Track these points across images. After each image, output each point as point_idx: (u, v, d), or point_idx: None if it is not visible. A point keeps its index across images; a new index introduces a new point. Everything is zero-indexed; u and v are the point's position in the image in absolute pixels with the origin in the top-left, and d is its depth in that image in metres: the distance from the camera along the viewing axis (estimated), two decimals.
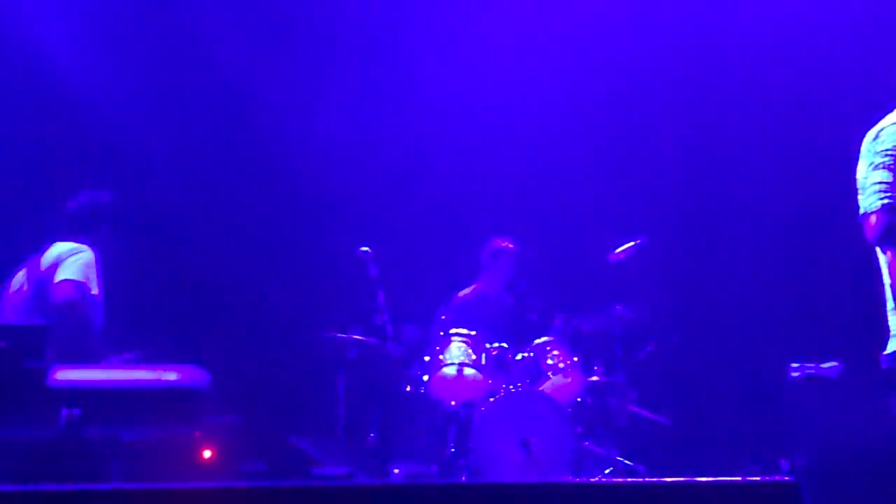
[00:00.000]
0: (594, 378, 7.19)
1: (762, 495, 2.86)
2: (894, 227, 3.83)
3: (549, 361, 6.98)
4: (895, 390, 3.91)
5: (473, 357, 6.90)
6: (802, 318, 7.79)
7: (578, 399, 6.97)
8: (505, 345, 7.05)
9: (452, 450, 6.69)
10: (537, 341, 7.07)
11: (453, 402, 6.82)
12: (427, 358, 6.97)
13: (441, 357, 6.89)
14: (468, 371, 6.84)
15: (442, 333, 7.05)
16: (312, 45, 8.46)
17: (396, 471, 6.85)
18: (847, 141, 4.44)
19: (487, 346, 6.98)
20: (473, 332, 7.01)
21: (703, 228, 8.27)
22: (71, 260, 5.71)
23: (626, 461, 6.84)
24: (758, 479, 2.92)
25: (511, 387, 6.78)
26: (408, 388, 7.01)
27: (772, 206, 8.06)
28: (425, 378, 6.90)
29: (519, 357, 7.02)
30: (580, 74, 8.23)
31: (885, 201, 3.83)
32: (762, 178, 8.07)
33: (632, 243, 7.11)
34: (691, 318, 7.87)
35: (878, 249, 3.97)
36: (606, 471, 6.79)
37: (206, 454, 4.70)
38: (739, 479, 2.95)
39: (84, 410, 4.35)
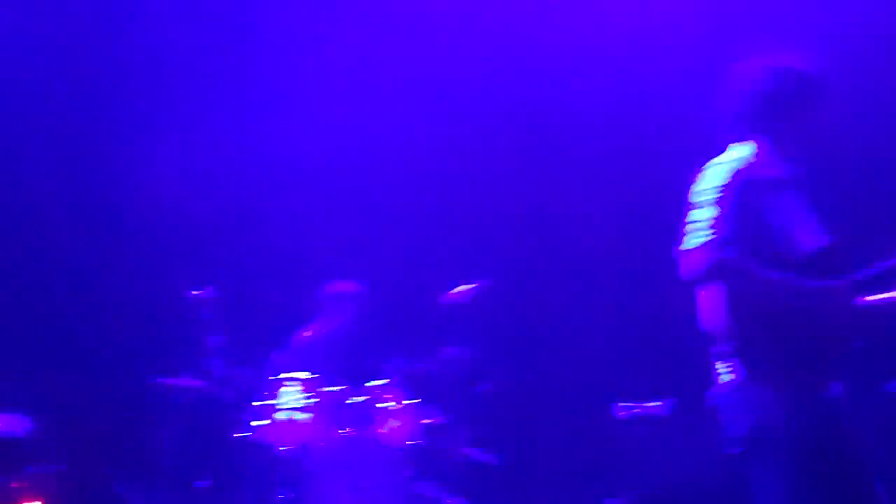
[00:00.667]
0: (427, 420, 7.23)
1: None
2: (717, 265, 3.85)
3: (383, 405, 6.98)
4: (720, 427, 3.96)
5: (307, 401, 6.82)
6: (631, 359, 8.03)
7: (411, 442, 6.99)
8: (343, 387, 7.01)
9: (283, 496, 6.59)
10: (371, 384, 7.06)
11: (284, 448, 6.73)
12: (259, 402, 6.86)
13: (273, 401, 6.79)
14: (300, 416, 6.75)
15: (275, 377, 6.96)
16: (135, 79, 8.27)
17: None
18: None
19: (323, 389, 6.92)
20: (309, 375, 6.94)
21: (538, 271, 8.45)
22: None
23: (457, 503, 6.90)
24: None
25: (344, 431, 6.74)
26: (238, 434, 6.88)
27: (601, 251, 8.29)
28: (256, 423, 6.78)
29: (353, 401, 7.00)
30: (415, 116, 8.30)
31: (709, 238, 3.86)
32: (594, 223, 8.31)
33: (470, 286, 7.21)
34: (524, 359, 8.02)
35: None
36: None
37: None
38: None
39: None
